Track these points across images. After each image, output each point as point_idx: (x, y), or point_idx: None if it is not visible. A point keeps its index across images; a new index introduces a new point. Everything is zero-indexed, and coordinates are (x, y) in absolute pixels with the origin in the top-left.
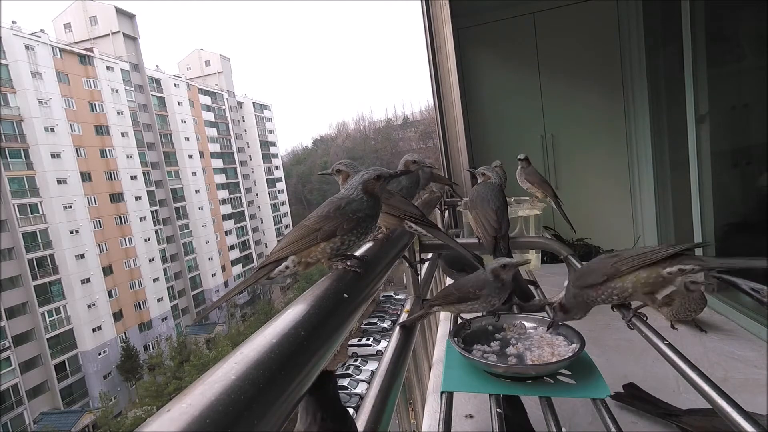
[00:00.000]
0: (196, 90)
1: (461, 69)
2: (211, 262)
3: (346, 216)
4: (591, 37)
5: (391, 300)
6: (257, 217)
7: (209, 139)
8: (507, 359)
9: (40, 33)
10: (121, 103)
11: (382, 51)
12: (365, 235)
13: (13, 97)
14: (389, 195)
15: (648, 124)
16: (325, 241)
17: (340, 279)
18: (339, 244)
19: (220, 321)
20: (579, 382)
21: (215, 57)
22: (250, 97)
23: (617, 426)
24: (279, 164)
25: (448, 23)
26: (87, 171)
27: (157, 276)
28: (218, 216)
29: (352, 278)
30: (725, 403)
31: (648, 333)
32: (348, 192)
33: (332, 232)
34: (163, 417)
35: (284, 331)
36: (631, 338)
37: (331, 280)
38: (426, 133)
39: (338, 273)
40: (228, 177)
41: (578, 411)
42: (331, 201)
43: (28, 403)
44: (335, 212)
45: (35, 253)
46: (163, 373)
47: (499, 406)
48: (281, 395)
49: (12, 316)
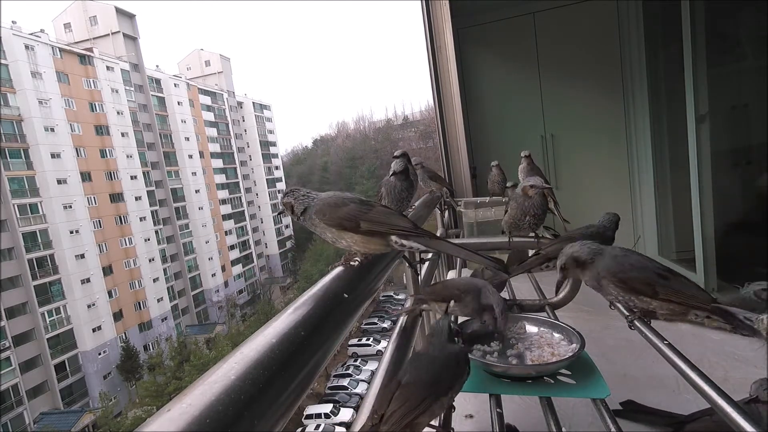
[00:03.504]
0: (196, 90)
1: (461, 69)
2: (211, 262)
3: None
4: (591, 37)
5: (391, 300)
6: (257, 217)
7: (209, 139)
8: (507, 359)
9: (40, 33)
10: (121, 103)
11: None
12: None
13: (13, 97)
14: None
15: (648, 124)
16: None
17: (340, 279)
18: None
19: (220, 321)
20: (579, 382)
21: (215, 57)
22: (250, 97)
23: (617, 426)
24: (279, 164)
25: (448, 23)
26: (87, 171)
27: (157, 276)
28: (218, 216)
29: (352, 278)
30: (725, 403)
31: (648, 333)
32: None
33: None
34: (163, 417)
35: (284, 331)
36: (631, 338)
37: (331, 280)
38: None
39: (338, 273)
40: (228, 177)
41: (578, 411)
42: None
43: (28, 403)
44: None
45: (35, 253)
46: (163, 373)
47: (499, 406)
48: (281, 395)
49: (12, 316)
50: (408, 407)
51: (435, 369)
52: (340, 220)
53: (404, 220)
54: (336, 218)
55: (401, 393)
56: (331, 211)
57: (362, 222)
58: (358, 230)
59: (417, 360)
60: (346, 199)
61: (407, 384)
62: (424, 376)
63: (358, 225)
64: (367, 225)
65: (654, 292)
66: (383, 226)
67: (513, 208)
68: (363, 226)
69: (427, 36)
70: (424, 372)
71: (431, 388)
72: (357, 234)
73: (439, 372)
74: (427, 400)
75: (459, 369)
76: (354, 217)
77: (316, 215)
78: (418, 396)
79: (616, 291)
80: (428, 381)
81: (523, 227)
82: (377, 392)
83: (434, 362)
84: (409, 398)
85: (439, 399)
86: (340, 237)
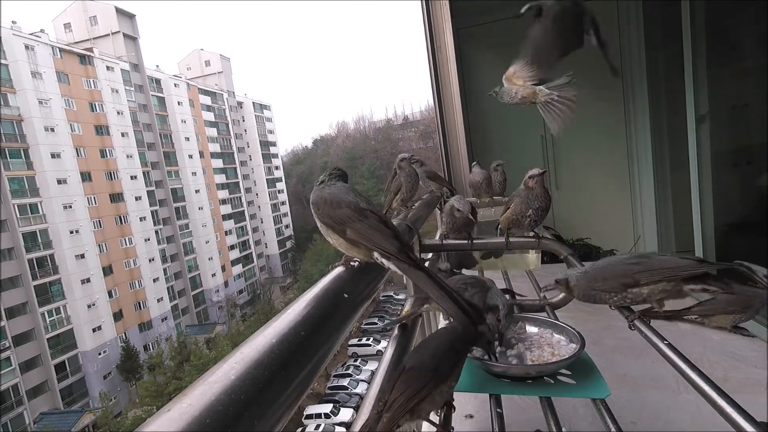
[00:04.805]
0: (196, 90)
1: (461, 69)
2: (211, 262)
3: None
4: None
5: (391, 300)
6: (257, 217)
7: (209, 139)
8: (507, 359)
9: (40, 33)
10: (121, 103)
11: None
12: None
13: (13, 97)
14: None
15: (648, 124)
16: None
17: (340, 279)
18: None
19: (220, 321)
20: (579, 382)
21: (215, 57)
22: (250, 97)
23: (617, 426)
24: (279, 164)
25: (448, 23)
26: (87, 171)
27: (157, 276)
28: (218, 216)
29: (352, 278)
30: (725, 403)
31: (648, 333)
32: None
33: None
34: (163, 417)
35: (284, 331)
36: (631, 338)
37: (331, 280)
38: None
39: (338, 273)
40: (228, 177)
41: (578, 411)
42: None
43: (28, 403)
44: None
45: (35, 253)
46: (163, 373)
47: (499, 406)
48: (281, 395)
49: (12, 316)
50: (410, 393)
51: (437, 355)
52: (330, 220)
53: (390, 241)
54: (326, 216)
55: (403, 379)
56: (325, 207)
57: (348, 230)
58: (344, 235)
59: (421, 346)
60: (343, 202)
61: (410, 369)
62: (427, 361)
63: (345, 231)
64: (352, 234)
65: (635, 280)
66: (367, 240)
67: (516, 204)
68: (348, 234)
69: (427, 36)
70: (428, 357)
71: (432, 373)
72: (342, 238)
73: (441, 359)
74: (428, 385)
75: (456, 357)
76: (343, 222)
77: (313, 206)
78: (420, 381)
79: (608, 296)
80: (430, 366)
81: (523, 223)
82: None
83: (438, 349)
84: (411, 384)
85: (438, 386)
86: (328, 234)
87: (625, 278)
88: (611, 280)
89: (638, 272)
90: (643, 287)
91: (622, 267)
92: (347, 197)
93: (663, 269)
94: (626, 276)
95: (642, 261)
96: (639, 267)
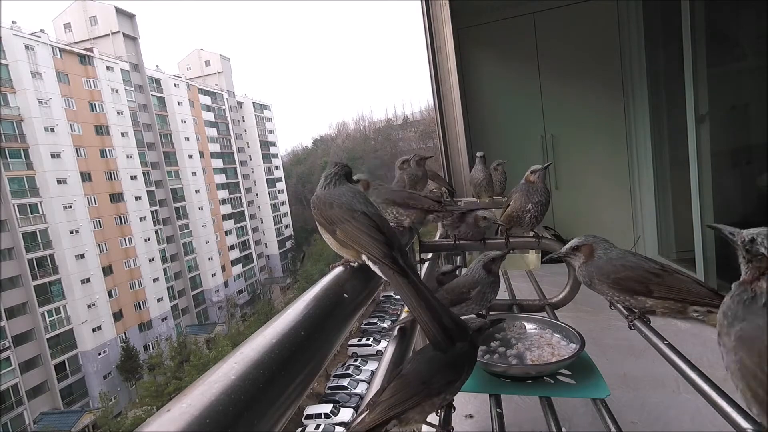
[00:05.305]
0: (196, 90)
1: (461, 69)
2: (211, 262)
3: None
4: (591, 37)
5: (391, 300)
6: (257, 217)
7: (209, 139)
8: (507, 359)
9: (40, 33)
10: (121, 103)
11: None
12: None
13: (13, 97)
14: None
15: (648, 124)
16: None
17: (340, 279)
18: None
19: (220, 321)
20: (579, 382)
21: (215, 57)
22: (250, 97)
23: (617, 426)
24: (279, 164)
25: (448, 23)
26: (87, 171)
27: (157, 276)
28: (218, 216)
29: (352, 278)
30: (725, 403)
31: (648, 333)
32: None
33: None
34: (163, 417)
35: (284, 331)
36: (631, 338)
37: (331, 280)
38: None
39: (338, 273)
40: (228, 177)
41: (578, 411)
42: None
43: (28, 403)
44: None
45: (35, 253)
46: (163, 373)
47: (499, 406)
48: (281, 395)
49: (12, 316)
50: (397, 399)
51: (433, 367)
52: (323, 219)
53: (378, 245)
54: (319, 215)
55: (396, 383)
56: (320, 205)
57: (338, 230)
58: (334, 235)
59: (421, 353)
60: (335, 202)
61: (404, 375)
62: (423, 371)
63: (335, 231)
64: (341, 234)
65: (648, 290)
66: (353, 242)
67: (516, 198)
68: (338, 234)
69: (427, 36)
70: (424, 367)
71: (423, 385)
72: (333, 238)
73: (436, 372)
74: (417, 396)
75: (454, 374)
76: (333, 222)
77: (311, 204)
78: (409, 390)
79: (611, 291)
80: (423, 377)
81: (524, 219)
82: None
83: (434, 360)
84: (401, 391)
85: (430, 398)
86: (322, 231)
87: (640, 285)
88: (625, 281)
89: (658, 284)
90: (650, 299)
91: (641, 273)
92: (342, 198)
93: (680, 291)
94: (641, 283)
95: (664, 273)
96: (658, 280)
